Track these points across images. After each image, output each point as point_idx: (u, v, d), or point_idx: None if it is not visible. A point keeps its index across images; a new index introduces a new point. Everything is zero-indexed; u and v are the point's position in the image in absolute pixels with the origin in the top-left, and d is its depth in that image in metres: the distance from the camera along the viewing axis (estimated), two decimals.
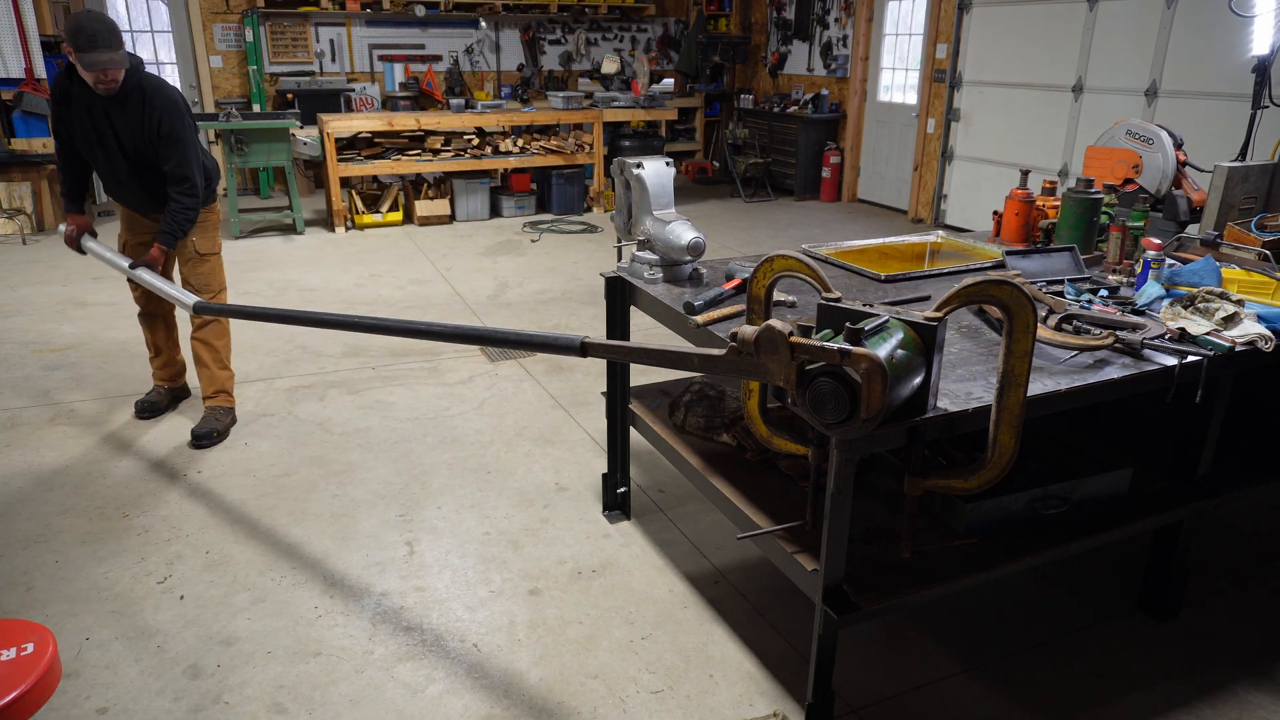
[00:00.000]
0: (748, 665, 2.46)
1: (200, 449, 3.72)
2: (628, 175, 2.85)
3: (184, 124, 3.51)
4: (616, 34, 11.01)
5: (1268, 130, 4.36)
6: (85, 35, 3.20)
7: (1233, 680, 2.41)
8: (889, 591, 2.03)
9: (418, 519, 3.19)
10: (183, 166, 3.52)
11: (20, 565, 2.88)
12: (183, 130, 3.51)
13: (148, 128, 3.45)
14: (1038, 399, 1.94)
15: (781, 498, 2.36)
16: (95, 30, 3.22)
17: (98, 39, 3.21)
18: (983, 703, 2.33)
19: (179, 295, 3.42)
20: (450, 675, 2.41)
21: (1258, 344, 2.17)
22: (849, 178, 9.66)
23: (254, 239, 7.60)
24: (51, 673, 1.79)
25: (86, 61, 3.22)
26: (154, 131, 3.45)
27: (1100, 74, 6.68)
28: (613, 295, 2.87)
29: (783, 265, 2.01)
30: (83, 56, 3.21)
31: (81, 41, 3.19)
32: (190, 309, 3.29)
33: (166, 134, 3.46)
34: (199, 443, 3.74)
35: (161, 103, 3.45)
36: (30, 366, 4.57)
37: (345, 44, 9.78)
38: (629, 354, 2.03)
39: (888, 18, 8.99)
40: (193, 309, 3.28)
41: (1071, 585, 2.83)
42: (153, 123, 3.44)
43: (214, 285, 3.83)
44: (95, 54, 3.22)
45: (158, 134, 3.46)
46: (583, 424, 3.96)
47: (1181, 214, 3.31)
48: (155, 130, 3.45)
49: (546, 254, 7.17)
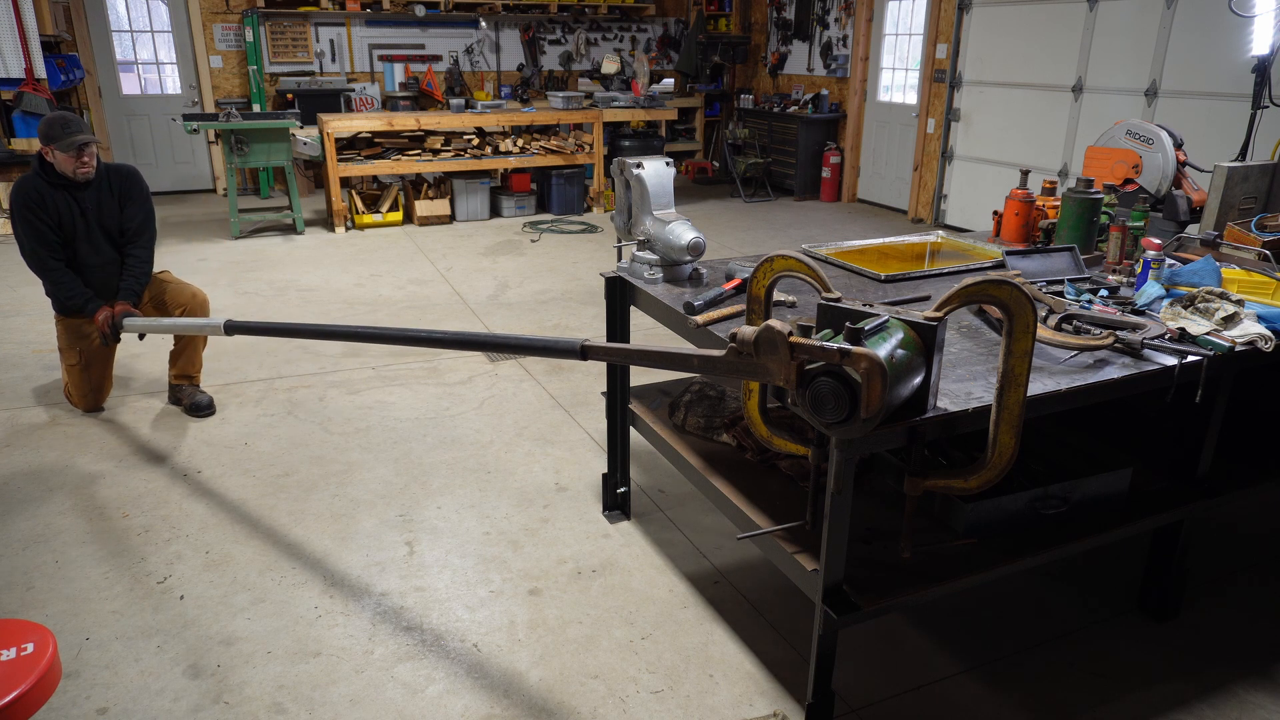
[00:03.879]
0: (748, 665, 2.46)
1: (202, 418, 3.96)
2: (628, 175, 2.85)
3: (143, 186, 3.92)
4: (616, 34, 11.01)
5: (1268, 130, 4.37)
6: (59, 124, 3.54)
7: (1233, 680, 2.41)
8: (889, 591, 2.03)
9: (418, 519, 3.19)
10: (147, 223, 3.87)
11: (20, 565, 2.88)
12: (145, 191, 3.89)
13: (119, 199, 3.80)
14: (1038, 399, 1.94)
15: (781, 498, 2.36)
16: (67, 118, 3.57)
17: (70, 124, 3.57)
18: (983, 703, 2.33)
19: (202, 323, 3.45)
20: (450, 675, 2.41)
21: (1258, 344, 2.17)
22: (849, 178, 9.66)
23: (254, 239, 7.60)
24: (51, 673, 1.79)
25: (67, 145, 3.54)
26: (124, 198, 3.80)
27: (1100, 74, 6.68)
28: (613, 295, 2.87)
29: (783, 265, 2.01)
30: (62, 142, 3.54)
31: (56, 131, 3.54)
32: (221, 329, 3.22)
33: (137, 196, 3.82)
34: (204, 412, 3.97)
35: (124, 170, 3.85)
36: (30, 366, 4.57)
37: (345, 44, 9.78)
38: (629, 356, 2.03)
39: (888, 18, 8.99)
40: (224, 329, 3.22)
41: (1071, 585, 2.83)
42: (122, 191, 3.80)
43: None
44: (75, 136, 3.53)
45: (128, 199, 3.81)
46: (583, 424, 3.96)
47: (1181, 214, 3.31)
48: (126, 196, 3.81)
49: (546, 254, 7.17)
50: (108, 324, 3.71)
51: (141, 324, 3.69)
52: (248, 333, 3.15)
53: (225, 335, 3.27)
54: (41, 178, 3.63)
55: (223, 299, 5.71)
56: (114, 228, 3.82)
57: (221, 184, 9.60)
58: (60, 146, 3.53)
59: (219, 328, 3.21)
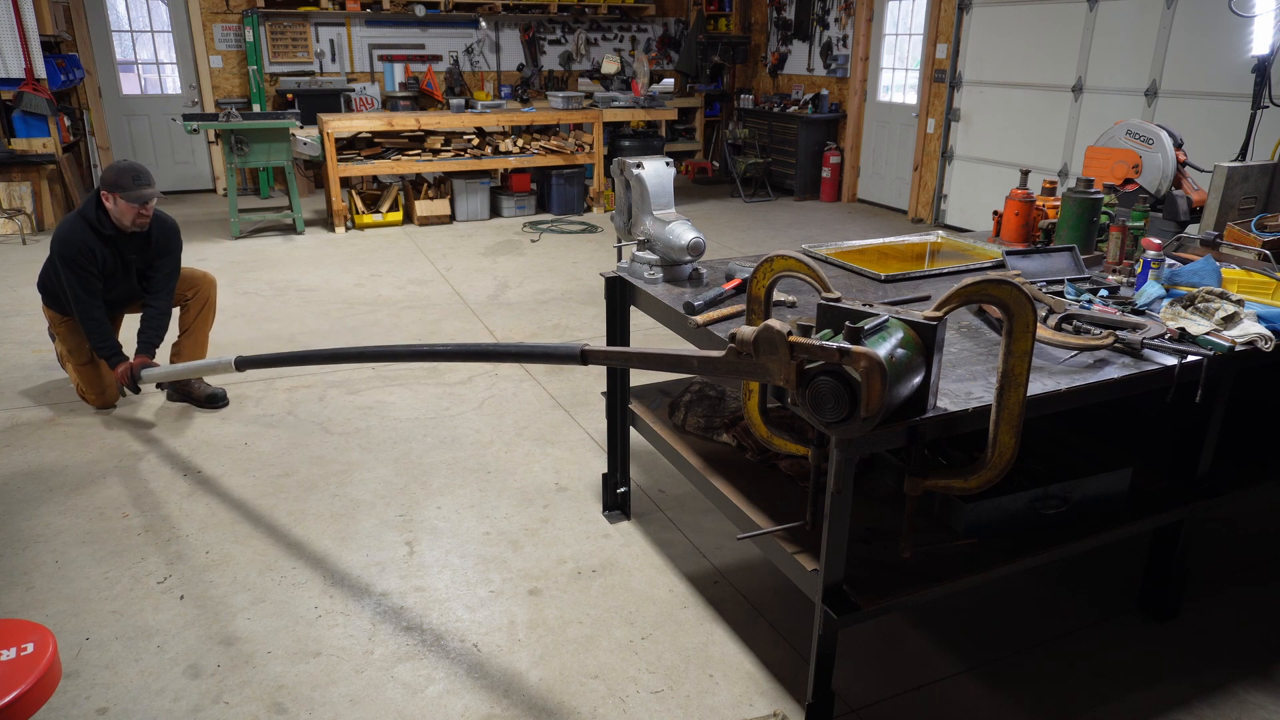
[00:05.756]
0: (748, 665, 2.46)
1: (218, 409, 4.05)
2: (628, 175, 2.85)
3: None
4: (616, 34, 11.01)
5: (1268, 130, 4.37)
6: (131, 174, 3.56)
7: (1233, 680, 2.41)
8: (889, 591, 2.03)
9: (418, 519, 3.19)
10: (173, 276, 3.93)
11: (20, 565, 2.88)
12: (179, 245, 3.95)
13: (155, 249, 3.84)
14: (1038, 399, 1.94)
15: (781, 498, 2.36)
16: (139, 169, 3.59)
17: (141, 176, 3.59)
18: (982, 703, 2.33)
19: (214, 363, 3.47)
20: (450, 675, 2.41)
21: (1258, 344, 2.17)
22: (849, 178, 9.66)
23: (254, 239, 7.60)
24: (51, 673, 1.79)
25: (134, 198, 3.56)
26: (159, 250, 3.84)
27: (1100, 74, 6.68)
28: (613, 295, 2.87)
29: (783, 265, 2.01)
30: (130, 194, 3.56)
31: (126, 181, 3.55)
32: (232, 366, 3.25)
33: (173, 249, 3.92)
34: (221, 403, 4.06)
35: (168, 224, 3.88)
36: (30, 366, 4.57)
37: (345, 44, 9.78)
38: (629, 360, 2.03)
39: (888, 18, 8.99)
40: (235, 366, 3.24)
41: (1071, 585, 2.83)
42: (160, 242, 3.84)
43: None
44: (144, 190, 3.57)
45: (165, 251, 3.86)
46: (583, 424, 3.96)
47: (1181, 214, 3.30)
48: (164, 248, 3.85)
49: (546, 254, 7.17)
50: (126, 377, 3.76)
51: (158, 374, 3.77)
52: (259, 366, 3.18)
53: (237, 371, 3.31)
54: (90, 226, 3.62)
55: (223, 299, 5.68)
56: (145, 270, 3.89)
57: (221, 184, 9.60)
58: (127, 198, 3.55)
59: (229, 365, 3.24)
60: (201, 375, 3.76)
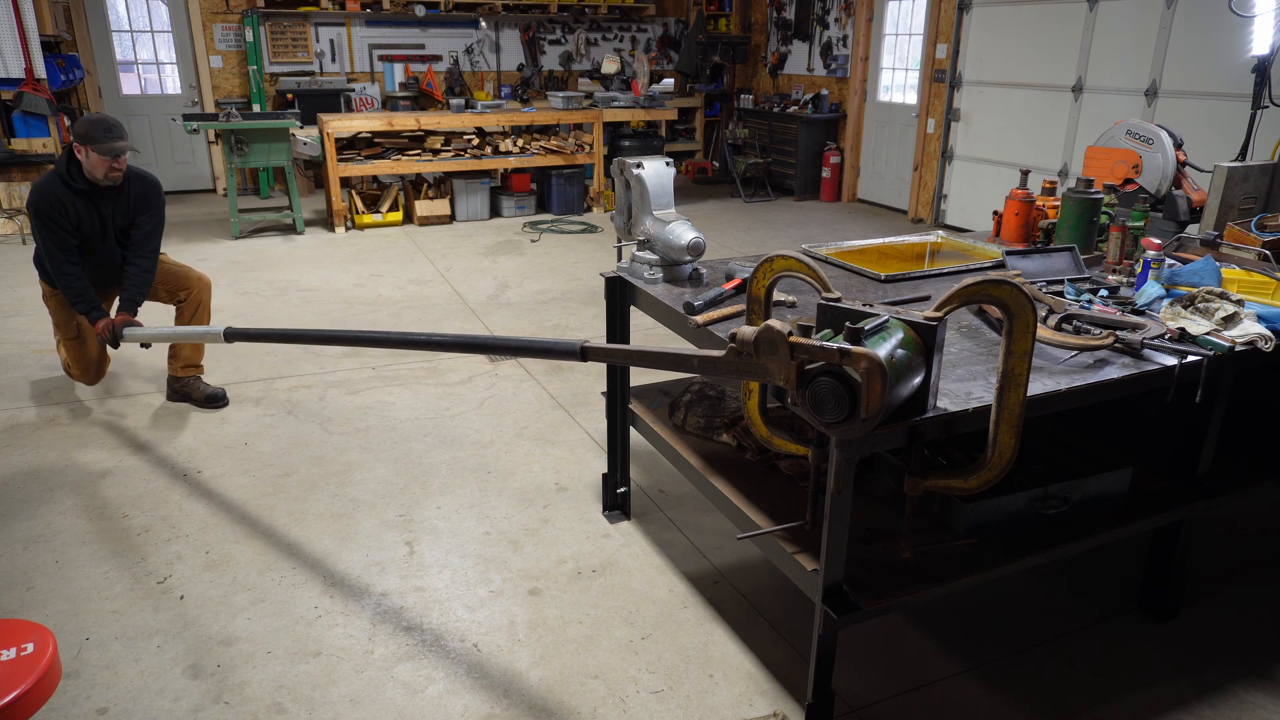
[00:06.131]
0: (748, 665, 2.46)
1: (218, 409, 4.05)
2: (628, 175, 2.85)
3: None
4: (616, 34, 11.01)
5: (1268, 130, 4.37)
6: (102, 126, 3.51)
7: (1233, 680, 2.41)
8: (889, 591, 2.03)
9: (418, 519, 3.19)
10: (155, 233, 3.86)
11: (20, 565, 2.88)
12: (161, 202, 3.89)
13: (134, 205, 3.77)
14: (1038, 399, 1.94)
15: (781, 498, 2.36)
16: (111, 122, 3.54)
17: (113, 129, 3.54)
18: (982, 703, 2.33)
19: (202, 331, 3.43)
20: (450, 675, 2.41)
21: (1258, 344, 2.17)
22: (849, 178, 9.66)
23: (254, 239, 7.60)
24: (51, 673, 1.79)
25: (105, 149, 3.51)
26: (138, 206, 3.78)
27: (1100, 74, 6.68)
28: (613, 295, 2.87)
29: (783, 265, 2.01)
30: (101, 145, 3.51)
31: (97, 133, 3.51)
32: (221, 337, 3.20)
33: (154, 206, 3.82)
34: (221, 402, 4.07)
35: (146, 179, 3.82)
36: (30, 366, 4.57)
37: (345, 44, 9.78)
38: (629, 357, 2.03)
39: (888, 18, 8.99)
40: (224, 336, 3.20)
41: (1071, 585, 2.83)
42: (140, 198, 3.78)
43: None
44: (115, 142, 3.52)
45: (145, 206, 3.80)
46: (583, 424, 3.96)
47: (1181, 214, 3.31)
48: (140, 205, 3.78)
49: (546, 254, 7.17)
50: (107, 331, 3.70)
51: (141, 334, 3.70)
52: (248, 339, 3.14)
53: (225, 342, 3.26)
54: (63, 182, 3.59)
55: (222, 299, 5.71)
56: (125, 229, 3.82)
57: (221, 184, 9.60)
58: (98, 149, 3.50)
59: (219, 335, 3.20)
60: (188, 342, 3.77)
